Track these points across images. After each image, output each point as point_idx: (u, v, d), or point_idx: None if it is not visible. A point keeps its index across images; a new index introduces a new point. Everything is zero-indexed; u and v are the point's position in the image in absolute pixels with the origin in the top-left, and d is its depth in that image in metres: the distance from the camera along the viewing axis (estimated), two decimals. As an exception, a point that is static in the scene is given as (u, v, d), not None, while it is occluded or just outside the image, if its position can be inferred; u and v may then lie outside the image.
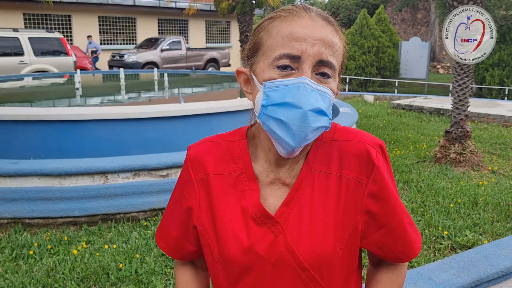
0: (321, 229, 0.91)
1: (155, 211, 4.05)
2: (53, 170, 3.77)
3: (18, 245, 3.49)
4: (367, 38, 14.99)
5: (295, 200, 0.92)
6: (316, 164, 0.94)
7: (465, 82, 5.66)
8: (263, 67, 0.87)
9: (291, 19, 0.87)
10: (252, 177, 0.95)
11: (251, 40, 0.94)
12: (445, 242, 3.55)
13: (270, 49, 0.87)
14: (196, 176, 0.98)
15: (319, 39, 0.85)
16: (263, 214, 0.92)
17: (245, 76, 0.94)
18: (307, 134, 0.83)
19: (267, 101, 0.85)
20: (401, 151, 6.45)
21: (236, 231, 0.93)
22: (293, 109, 0.82)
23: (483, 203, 4.35)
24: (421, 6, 27.22)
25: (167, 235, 1.06)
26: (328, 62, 0.85)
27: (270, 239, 0.91)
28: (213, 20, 23.16)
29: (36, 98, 7.38)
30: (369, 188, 0.92)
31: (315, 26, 0.86)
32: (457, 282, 2.61)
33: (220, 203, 0.96)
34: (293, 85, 0.83)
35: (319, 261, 0.90)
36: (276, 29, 0.88)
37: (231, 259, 0.93)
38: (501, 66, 12.85)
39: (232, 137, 1.00)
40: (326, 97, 0.85)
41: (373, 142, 0.94)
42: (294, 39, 0.84)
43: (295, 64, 0.84)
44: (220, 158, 0.98)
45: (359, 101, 11.82)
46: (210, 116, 4.83)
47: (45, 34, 12.86)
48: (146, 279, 3.00)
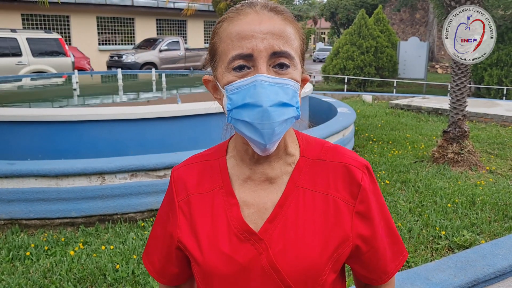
0: (307, 245, 0.90)
1: (152, 212, 4.04)
2: (50, 171, 3.76)
3: (15, 246, 3.48)
4: (365, 38, 15.00)
5: (280, 216, 0.91)
6: (301, 181, 0.94)
7: (462, 82, 5.66)
8: (222, 71, 0.88)
9: (237, 18, 0.87)
10: (230, 192, 0.95)
11: (209, 46, 0.95)
12: (442, 242, 3.55)
13: (224, 52, 0.87)
14: (178, 197, 0.99)
15: (267, 32, 0.84)
16: (245, 230, 0.91)
17: (212, 83, 0.95)
18: (274, 130, 0.83)
19: (231, 104, 0.85)
20: (399, 151, 6.45)
21: (215, 244, 0.92)
22: (254, 108, 0.82)
23: (481, 203, 4.35)
24: (420, 6, 27.26)
25: (152, 257, 1.06)
26: (282, 52, 0.84)
27: (252, 255, 0.90)
28: (211, 20, 23.17)
29: (34, 99, 7.37)
30: (357, 208, 0.93)
31: (261, 20, 0.85)
32: (454, 282, 2.61)
33: (201, 220, 0.95)
34: (249, 85, 0.83)
35: (305, 277, 0.89)
36: (225, 32, 0.88)
37: (211, 271, 0.92)
38: (500, 66, 12.85)
39: (212, 155, 1.01)
40: (288, 88, 0.85)
41: (359, 164, 0.95)
42: (243, 38, 0.84)
43: (250, 63, 0.84)
44: (201, 178, 0.99)
45: (357, 101, 11.83)
46: (207, 117, 4.82)
47: (43, 35, 12.86)
48: (143, 280, 3.00)
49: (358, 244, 0.93)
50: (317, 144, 0.99)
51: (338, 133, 5.55)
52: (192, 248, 0.94)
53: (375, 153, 6.31)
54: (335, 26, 31.62)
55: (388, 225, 0.99)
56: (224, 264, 0.91)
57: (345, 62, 15.05)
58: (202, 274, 0.94)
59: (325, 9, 29.89)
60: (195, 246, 0.94)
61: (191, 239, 0.95)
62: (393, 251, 1.00)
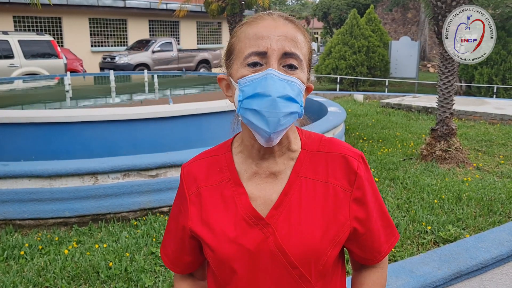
0: (309, 229, 1.00)
1: (145, 211, 4.11)
2: (43, 172, 3.81)
3: (9, 246, 3.53)
4: (357, 38, 15.10)
5: (285, 203, 1.01)
6: (303, 171, 1.03)
7: (449, 81, 5.76)
8: (237, 68, 0.98)
9: (256, 22, 0.99)
10: (238, 183, 1.04)
11: (226, 47, 1.06)
12: (428, 237, 3.64)
13: (240, 51, 0.98)
14: (189, 191, 1.08)
15: (281, 35, 0.96)
16: (254, 216, 1.01)
17: (225, 82, 1.04)
18: (279, 119, 0.92)
19: (242, 95, 0.95)
20: (388, 149, 6.55)
21: (226, 230, 1.01)
22: (263, 97, 0.91)
23: (467, 199, 4.45)
24: (411, 6, 27.44)
25: (167, 249, 1.16)
26: (293, 54, 0.95)
27: (260, 239, 0.99)
28: (204, 21, 23.20)
29: (26, 100, 7.40)
30: (354, 194, 1.03)
31: (277, 25, 0.97)
32: (438, 274, 2.69)
33: (212, 209, 1.04)
34: (261, 77, 0.93)
35: (308, 258, 0.99)
36: (243, 33, 0.99)
37: (223, 256, 1.01)
38: (490, 64, 13.00)
39: (218, 151, 1.11)
40: (295, 86, 0.95)
41: (355, 154, 1.06)
42: (259, 38, 0.95)
43: (263, 60, 0.95)
44: (209, 172, 1.08)
45: (349, 101, 11.93)
46: (198, 117, 4.90)
47: (35, 37, 12.83)
48: (136, 277, 3.06)
49: (355, 226, 1.03)
50: (316, 138, 1.09)
51: (328, 132, 5.63)
52: (205, 236, 1.03)
53: (365, 151, 6.40)
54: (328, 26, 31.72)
55: (381, 210, 1.10)
56: (235, 249, 1.00)
57: (337, 62, 15.15)
58: (215, 259, 1.03)
59: (317, 9, 29.98)
60: (208, 234, 1.03)
61: (203, 228, 1.04)
62: (386, 233, 1.11)
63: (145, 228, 3.81)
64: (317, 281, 1.01)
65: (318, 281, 1.01)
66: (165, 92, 7.86)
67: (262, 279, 1.00)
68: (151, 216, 4.06)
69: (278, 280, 1.00)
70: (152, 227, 3.84)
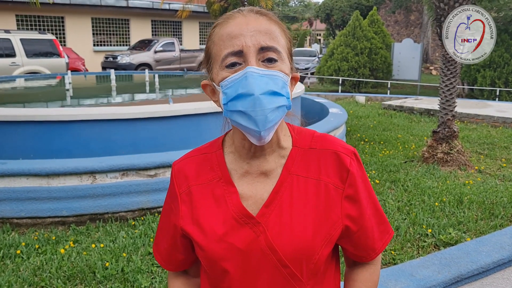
0: (301, 227, 0.97)
1: (143, 211, 4.08)
2: (41, 170, 3.79)
3: (6, 245, 3.50)
4: (360, 39, 15.08)
5: (276, 201, 0.98)
6: (295, 169, 1.01)
7: (452, 83, 5.72)
8: (217, 71, 0.95)
9: (227, 22, 0.96)
10: (229, 182, 1.01)
11: (204, 52, 1.03)
12: (428, 240, 3.60)
13: (217, 54, 0.95)
14: (180, 190, 1.06)
15: (254, 30, 0.93)
16: (244, 215, 0.98)
17: (209, 87, 1.02)
18: (267, 116, 0.89)
19: (226, 98, 0.92)
20: (390, 151, 6.51)
21: (216, 229, 0.99)
22: (246, 97, 0.89)
23: (468, 202, 4.41)
24: (414, 8, 27.41)
25: (160, 247, 1.14)
26: (269, 47, 0.92)
27: (251, 238, 0.97)
28: (206, 21, 23.21)
29: (27, 99, 7.39)
30: (346, 192, 1.00)
31: (248, 21, 0.94)
32: (438, 278, 2.65)
33: (202, 208, 1.02)
34: (241, 77, 0.90)
35: (300, 257, 0.96)
36: (217, 35, 0.97)
37: (214, 255, 0.99)
38: (493, 67, 12.96)
39: (209, 149, 1.08)
40: (277, 79, 0.92)
41: (347, 151, 1.03)
42: (233, 37, 0.92)
43: (241, 59, 0.92)
44: (200, 170, 1.06)
45: (350, 102, 11.89)
46: (198, 117, 4.87)
47: (37, 36, 12.84)
48: (132, 277, 3.03)
49: (348, 224, 1.01)
50: (307, 134, 1.06)
51: (329, 133, 5.60)
52: (195, 235, 1.01)
53: (366, 153, 6.37)
54: (330, 28, 31.71)
55: (375, 207, 1.07)
56: (226, 248, 0.98)
57: (339, 64, 15.12)
58: (206, 258, 1.01)
59: (320, 11, 29.97)
60: (198, 233, 1.01)
61: (194, 227, 1.02)
62: (380, 230, 1.08)
63: (143, 228, 3.78)
64: (309, 280, 0.99)
65: (309, 280, 0.99)
66: (165, 92, 7.84)
67: (254, 278, 0.98)
68: (149, 216, 4.03)
69: (270, 279, 0.98)
70: (150, 227, 3.81)
